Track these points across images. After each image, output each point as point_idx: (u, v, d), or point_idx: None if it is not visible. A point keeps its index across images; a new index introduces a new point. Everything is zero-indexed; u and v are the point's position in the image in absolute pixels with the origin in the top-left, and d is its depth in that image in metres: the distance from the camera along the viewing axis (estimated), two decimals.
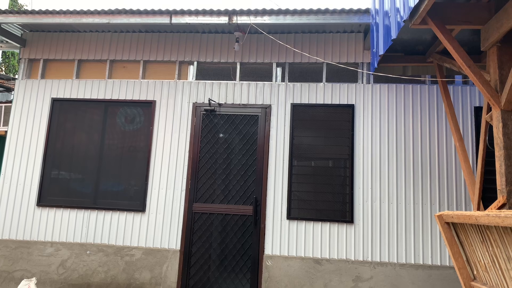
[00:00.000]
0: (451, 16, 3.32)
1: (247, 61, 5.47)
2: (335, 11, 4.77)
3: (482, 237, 2.48)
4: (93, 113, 5.55)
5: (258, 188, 5.07)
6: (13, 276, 5.20)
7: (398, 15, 3.45)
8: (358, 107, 5.12)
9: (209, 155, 5.24)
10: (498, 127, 3.08)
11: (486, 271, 2.58)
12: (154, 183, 5.25)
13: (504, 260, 2.30)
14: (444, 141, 4.92)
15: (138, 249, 5.11)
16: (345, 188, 4.97)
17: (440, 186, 4.83)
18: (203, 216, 5.11)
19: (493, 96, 3.10)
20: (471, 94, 5.00)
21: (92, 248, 5.18)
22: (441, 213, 2.90)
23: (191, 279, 5.00)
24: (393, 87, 5.12)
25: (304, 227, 4.94)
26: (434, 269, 4.65)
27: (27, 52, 5.87)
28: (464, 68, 3.23)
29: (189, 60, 5.58)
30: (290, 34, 5.43)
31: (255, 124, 5.23)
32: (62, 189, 5.39)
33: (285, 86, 5.30)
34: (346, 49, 5.33)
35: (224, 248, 5.04)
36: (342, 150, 5.05)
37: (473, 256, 2.75)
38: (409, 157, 4.93)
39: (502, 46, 3.16)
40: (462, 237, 2.82)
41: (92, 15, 5.08)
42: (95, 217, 5.26)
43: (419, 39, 4.44)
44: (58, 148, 5.50)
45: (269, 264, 4.88)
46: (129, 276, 5.04)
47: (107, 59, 5.72)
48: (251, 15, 4.91)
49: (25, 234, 5.32)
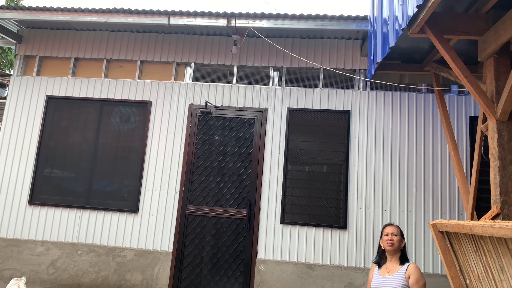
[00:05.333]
0: (449, 26, 3.34)
1: (244, 64, 5.47)
2: (333, 17, 4.79)
3: (476, 247, 2.49)
4: (88, 112, 5.51)
5: (253, 191, 5.06)
6: (2, 275, 5.14)
7: (397, 23, 3.46)
8: (354, 114, 5.14)
9: (204, 157, 5.22)
10: (494, 137, 3.10)
11: (479, 280, 2.59)
12: (148, 184, 5.21)
13: (497, 270, 2.30)
14: (438, 149, 4.95)
15: (130, 250, 5.07)
16: (339, 194, 4.97)
17: (434, 195, 4.85)
18: (197, 218, 5.09)
19: (489, 107, 3.12)
20: (467, 103, 5.04)
21: (83, 248, 5.13)
22: (435, 221, 2.91)
23: (183, 282, 4.97)
24: (389, 94, 5.15)
25: (298, 232, 4.93)
26: (426, 277, 4.65)
27: (23, 48, 5.82)
28: (461, 78, 3.25)
29: (186, 62, 5.56)
30: (288, 38, 5.44)
31: (251, 127, 5.23)
32: (54, 188, 5.34)
33: (282, 90, 5.31)
34: (343, 55, 5.34)
35: (217, 251, 5.01)
36: (337, 155, 5.06)
37: (466, 266, 2.75)
38: (403, 165, 4.95)
39: (499, 57, 3.19)
40: (455, 246, 2.83)
41: (90, 13, 5.06)
42: (87, 216, 5.21)
43: (417, 48, 4.47)
44: (51, 146, 5.45)
45: (262, 269, 4.86)
46: (120, 277, 5.00)
47: (104, 58, 5.68)
48: (249, 19, 4.91)
49: (16, 233, 5.26)
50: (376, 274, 3.17)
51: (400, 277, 2.97)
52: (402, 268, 3.04)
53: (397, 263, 3.10)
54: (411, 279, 2.94)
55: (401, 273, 3.00)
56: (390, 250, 3.13)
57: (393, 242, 3.12)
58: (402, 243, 3.18)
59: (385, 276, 3.05)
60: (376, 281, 3.11)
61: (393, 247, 3.12)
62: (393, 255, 3.15)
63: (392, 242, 3.12)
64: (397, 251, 3.15)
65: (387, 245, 3.15)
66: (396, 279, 2.98)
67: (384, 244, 3.18)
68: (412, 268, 3.01)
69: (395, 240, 3.13)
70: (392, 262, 3.13)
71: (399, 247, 3.15)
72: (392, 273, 3.04)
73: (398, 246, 3.14)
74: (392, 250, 3.13)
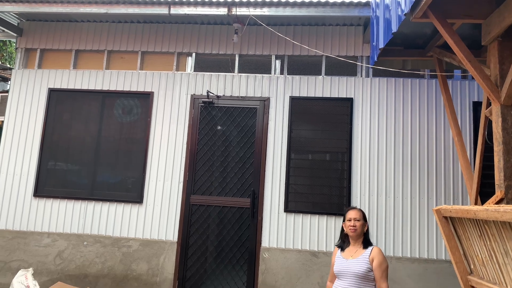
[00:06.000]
0: (453, 10, 3.30)
1: (246, 53, 5.44)
2: (335, 3, 4.74)
3: (480, 232, 2.49)
4: (90, 104, 5.51)
5: (256, 180, 5.07)
6: (10, 267, 5.20)
7: (399, 9, 3.43)
8: (357, 101, 5.11)
9: (207, 147, 5.22)
10: (498, 122, 3.08)
11: (483, 265, 2.60)
12: (151, 175, 5.23)
13: (501, 255, 2.31)
14: (442, 135, 4.93)
15: (135, 241, 5.11)
16: (342, 182, 4.97)
17: (437, 180, 4.85)
18: (201, 208, 5.11)
19: (493, 91, 3.10)
20: (470, 88, 5.00)
21: (89, 239, 5.17)
22: (439, 207, 2.91)
23: (188, 271, 5.02)
24: (392, 81, 5.11)
25: (301, 220, 4.95)
26: (430, 263, 4.68)
27: (23, 41, 5.81)
28: (465, 63, 3.22)
29: (188, 52, 5.54)
30: (290, 26, 5.40)
31: (254, 116, 5.22)
32: (59, 180, 5.37)
33: (284, 79, 5.28)
34: (345, 42, 5.30)
35: (221, 240, 5.05)
36: (340, 143, 5.05)
37: (470, 250, 2.76)
38: (407, 151, 4.94)
39: (503, 41, 3.15)
40: (459, 231, 2.83)
41: (90, 4, 5.02)
42: (92, 208, 5.25)
43: (419, 33, 4.43)
44: (55, 138, 5.46)
45: (266, 257, 4.90)
46: (126, 267, 5.05)
47: (105, 49, 5.67)
48: (250, 7, 4.87)
49: (22, 225, 5.31)
50: (339, 257, 3.12)
51: (364, 261, 2.96)
52: (366, 251, 3.01)
53: (360, 247, 3.06)
54: (375, 262, 2.93)
55: (365, 256, 2.98)
56: (353, 235, 3.08)
57: (355, 227, 3.06)
58: (365, 227, 3.12)
59: (349, 260, 3.02)
60: (339, 264, 3.06)
61: (355, 233, 3.06)
62: (356, 240, 3.09)
63: (355, 227, 3.06)
64: (360, 236, 3.09)
65: (350, 231, 3.08)
66: (360, 262, 2.96)
67: (347, 229, 3.11)
68: (375, 251, 2.99)
69: (357, 225, 3.06)
70: (355, 246, 3.09)
71: (362, 231, 3.09)
72: (356, 256, 3.01)
73: (361, 231, 3.08)
74: (355, 235, 3.08)
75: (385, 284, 2.93)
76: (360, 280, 2.94)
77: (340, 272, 3.03)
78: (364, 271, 2.93)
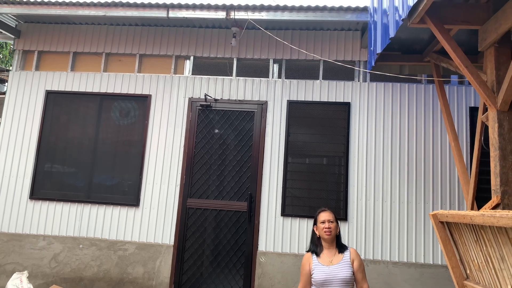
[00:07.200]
0: (450, 16, 3.32)
1: (244, 57, 5.45)
2: (333, 8, 4.76)
3: (476, 237, 2.50)
4: (88, 106, 5.50)
5: (253, 184, 5.06)
6: (5, 269, 5.16)
7: (397, 14, 3.44)
8: (354, 105, 5.13)
9: (204, 151, 5.22)
10: (494, 127, 3.09)
11: (479, 270, 2.60)
12: (148, 178, 5.22)
13: (497, 260, 2.31)
14: (438, 140, 4.95)
15: (131, 244, 5.09)
16: (339, 186, 4.97)
17: (434, 185, 4.86)
18: (197, 211, 5.10)
19: (490, 97, 3.11)
20: (467, 94, 5.02)
21: (85, 242, 5.15)
22: (435, 212, 2.91)
23: (184, 275, 5.00)
24: (389, 85, 5.13)
25: (298, 224, 4.94)
26: (426, 268, 4.68)
27: (21, 43, 5.80)
28: (462, 68, 3.24)
29: (186, 55, 5.54)
30: (288, 30, 5.42)
31: (251, 120, 5.22)
32: (55, 183, 5.35)
33: (282, 83, 5.29)
34: (343, 47, 5.32)
35: (218, 244, 5.03)
36: (337, 147, 5.06)
37: (466, 255, 2.76)
38: (403, 156, 4.95)
39: (500, 47, 3.17)
40: (456, 236, 2.83)
41: (89, 7, 5.03)
42: (88, 211, 5.23)
43: (417, 38, 4.45)
44: (51, 141, 5.45)
45: (263, 261, 4.88)
46: (122, 270, 5.02)
47: (103, 52, 5.66)
48: (248, 11, 4.89)
49: (17, 227, 5.28)
50: (318, 265, 2.97)
51: (347, 264, 2.88)
52: (346, 254, 2.94)
53: (336, 251, 2.98)
54: (355, 264, 2.90)
55: (346, 260, 2.92)
56: (328, 238, 2.98)
57: (331, 229, 2.97)
58: (337, 229, 3.05)
59: (331, 266, 2.92)
60: (322, 272, 2.92)
61: (331, 236, 2.98)
62: (331, 243, 3.01)
63: (330, 230, 2.96)
64: (334, 238, 3.02)
65: (324, 234, 2.98)
66: (344, 267, 2.89)
67: (321, 232, 3.00)
68: (354, 253, 2.94)
69: (332, 227, 2.98)
70: (330, 250, 3.00)
71: (335, 234, 3.02)
72: (336, 262, 2.93)
73: (335, 234, 3.01)
74: (330, 238, 2.99)
75: (366, 284, 2.91)
76: (346, 285, 2.90)
77: (327, 280, 2.91)
78: (350, 275, 2.89)
